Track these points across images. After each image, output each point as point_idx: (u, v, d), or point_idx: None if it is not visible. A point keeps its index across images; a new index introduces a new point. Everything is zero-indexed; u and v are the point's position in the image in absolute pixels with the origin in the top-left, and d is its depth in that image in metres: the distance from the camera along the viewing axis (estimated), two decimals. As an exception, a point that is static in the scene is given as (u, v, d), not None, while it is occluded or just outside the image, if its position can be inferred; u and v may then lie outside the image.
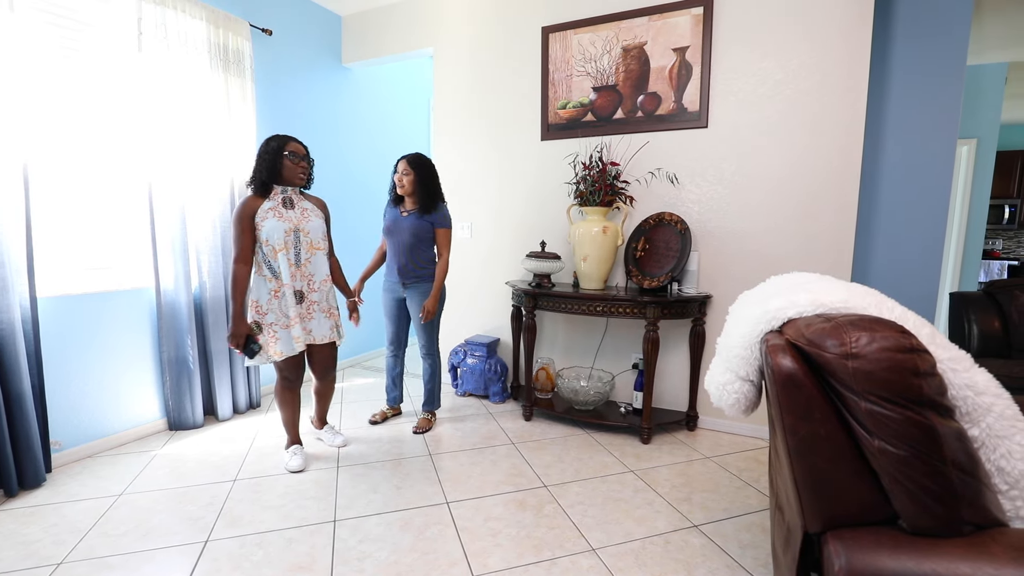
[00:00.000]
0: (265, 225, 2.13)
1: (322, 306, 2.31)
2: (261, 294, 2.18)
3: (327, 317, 2.33)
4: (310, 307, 2.28)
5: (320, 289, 2.30)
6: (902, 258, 2.91)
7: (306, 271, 2.25)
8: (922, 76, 2.80)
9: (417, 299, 2.68)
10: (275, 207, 2.16)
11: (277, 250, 2.15)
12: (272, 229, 2.13)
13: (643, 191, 2.91)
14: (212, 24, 2.75)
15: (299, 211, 2.22)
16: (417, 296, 2.68)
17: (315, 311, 2.29)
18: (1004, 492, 0.97)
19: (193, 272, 2.78)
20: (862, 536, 0.96)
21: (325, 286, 2.32)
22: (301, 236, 2.21)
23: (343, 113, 3.89)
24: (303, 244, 2.22)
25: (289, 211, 2.19)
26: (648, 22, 2.82)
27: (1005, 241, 6.79)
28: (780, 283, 1.33)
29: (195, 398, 2.75)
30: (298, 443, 2.40)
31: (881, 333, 0.91)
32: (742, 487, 2.22)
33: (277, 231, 2.14)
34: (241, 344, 2.11)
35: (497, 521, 1.93)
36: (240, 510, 1.98)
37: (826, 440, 0.99)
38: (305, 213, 2.24)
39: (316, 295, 2.29)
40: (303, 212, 2.23)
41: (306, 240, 2.22)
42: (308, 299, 2.27)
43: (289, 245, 2.18)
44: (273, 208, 2.16)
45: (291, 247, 2.18)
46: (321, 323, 2.31)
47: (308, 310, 2.27)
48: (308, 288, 2.26)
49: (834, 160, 2.51)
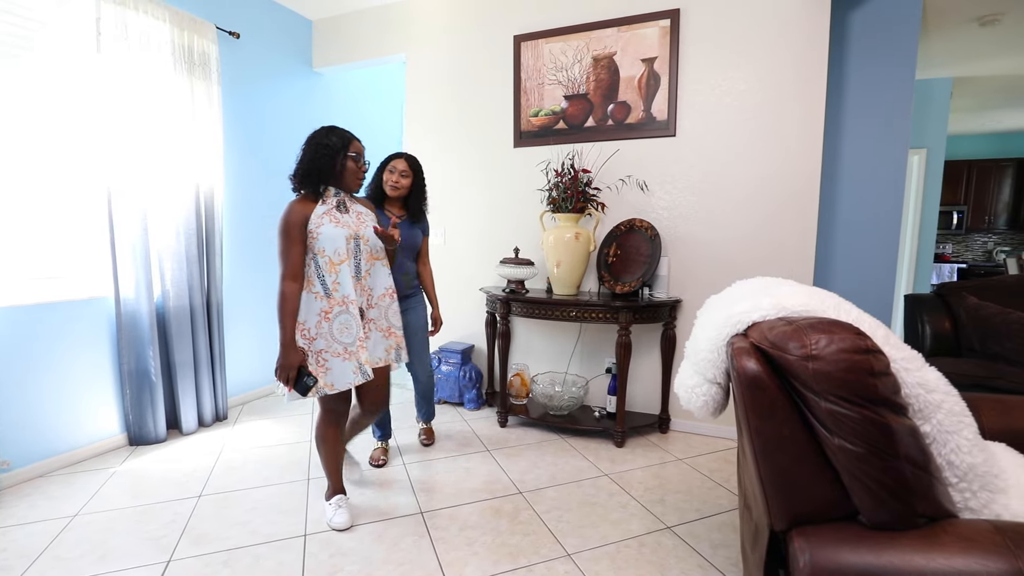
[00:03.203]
0: (322, 233, 1.78)
1: (379, 324, 1.98)
2: (309, 316, 1.79)
3: (384, 337, 1.99)
4: (367, 326, 1.95)
5: (378, 305, 1.98)
6: (861, 262, 3.04)
7: (366, 285, 1.94)
8: (875, 89, 2.94)
9: (411, 317, 2.40)
10: (329, 211, 1.82)
11: (336, 262, 1.80)
12: (331, 237, 1.79)
13: (614, 198, 2.96)
14: (176, 26, 2.68)
15: (354, 216, 1.90)
16: (411, 315, 2.40)
17: (371, 330, 1.97)
18: (954, 485, 1.01)
19: (156, 280, 2.69)
20: (825, 532, 1.00)
21: (384, 301, 1.99)
22: (361, 244, 1.88)
23: (315, 118, 3.83)
24: (363, 253, 1.90)
25: (344, 216, 1.86)
26: (617, 33, 2.88)
27: (954, 245, 7.16)
28: (745, 287, 1.37)
29: (157, 411, 2.65)
30: (342, 492, 2.00)
31: (839, 335, 0.95)
32: (713, 487, 2.26)
33: (337, 239, 1.79)
34: (292, 377, 1.74)
35: (473, 530, 1.92)
36: (205, 527, 1.91)
37: (789, 440, 1.03)
38: (360, 218, 1.92)
39: (374, 312, 1.97)
40: (358, 217, 1.91)
41: (365, 249, 1.91)
42: (366, 316, 1.95)
43: (350, 255, 1.85)
44: (328, 213, 1.82)
45: (351, 257, 1.86)
46: (377, 344, 1.98)
47: (365, 330, 1.95)
48: (366, 304, 1.95)
49: (795, 169, 2.61)
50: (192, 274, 2.78)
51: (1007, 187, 6.54)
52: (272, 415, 3.12)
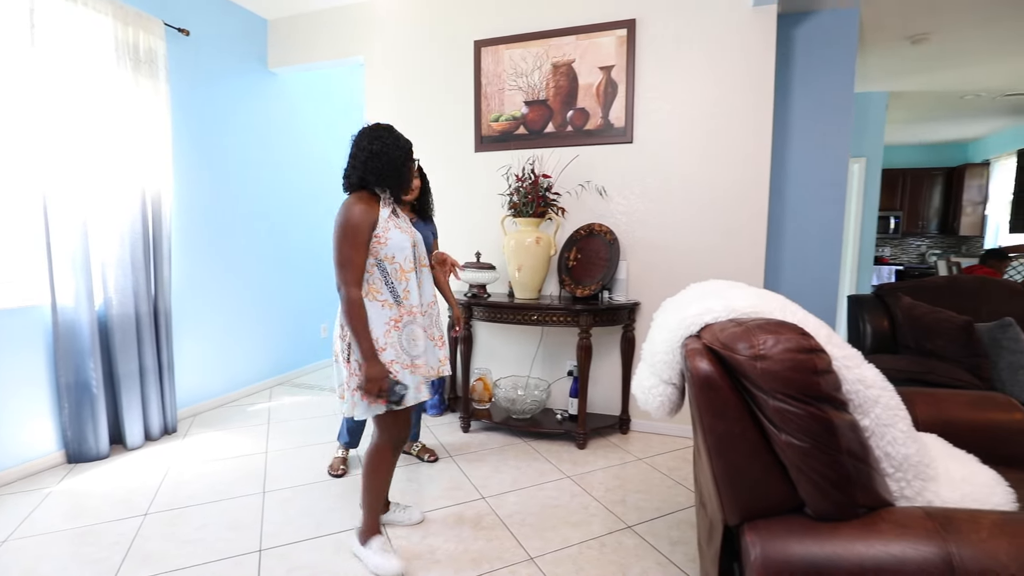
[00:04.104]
0: (391, 238, 1.66)
1: (432, 333, 1.84)
2: (376, 325, 1.64)
3: (436, 347, 1.85)
4: None
5: (428, 313, 1.84)
6: (807, 264, 3.19)
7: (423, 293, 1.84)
8: (818, 101, 3.10)
9: None
10: (391, 216, 1.70)
11: (407, 269, 1.70)
12: (400, 243, 1.67)
13: (574, 203, 3.00)
14: (120, 20, 2.55)
15: (405, 221, 1.81)
16: None
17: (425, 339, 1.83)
18: (891, 475, 1.08)
19: (97, 288, 2.54)
20: (774, 526, 1.04)
21: (433, 310, 1.87)
22: (417, 251, 1.79)
23: (271, 119, 3.73)
24: (419, 260, 1.79)
25: (401, 221, 1.76)
26: (576, 41, 2.93)
27: (892, 248, 7.63)
28: (698, 290, 1.42)
29: (99, 426, 2.50)
30: (380, 533, 1.78)
31: (784, 336, 0.99)
32: (672, 486, 2.32)
33: (405, 246, 1.69)
34: (385, 388, 1.59)
35: (435, 537, 1.90)
36: (152, 547, 1.82)
37: (741, 437, 1.06)
38: (410, 223, 1.84)
39: (425, 320, 1.81)
40: (408, 222, 1.83)
41: (420, 255, 1.81)
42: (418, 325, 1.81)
43: (414, 262, 1.75)
44: (391, 218, 1.70)
45: (415, 264, 1.76)
46: (431, 355, 1.81)
47: None
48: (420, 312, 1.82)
49: (746, 176, 2.72)
50: (138, 280, 2.65)
51: (937, 194, 7.02)
52: (225, 426, 2.99)
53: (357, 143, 1.70)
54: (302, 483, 2.30)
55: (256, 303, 3.66)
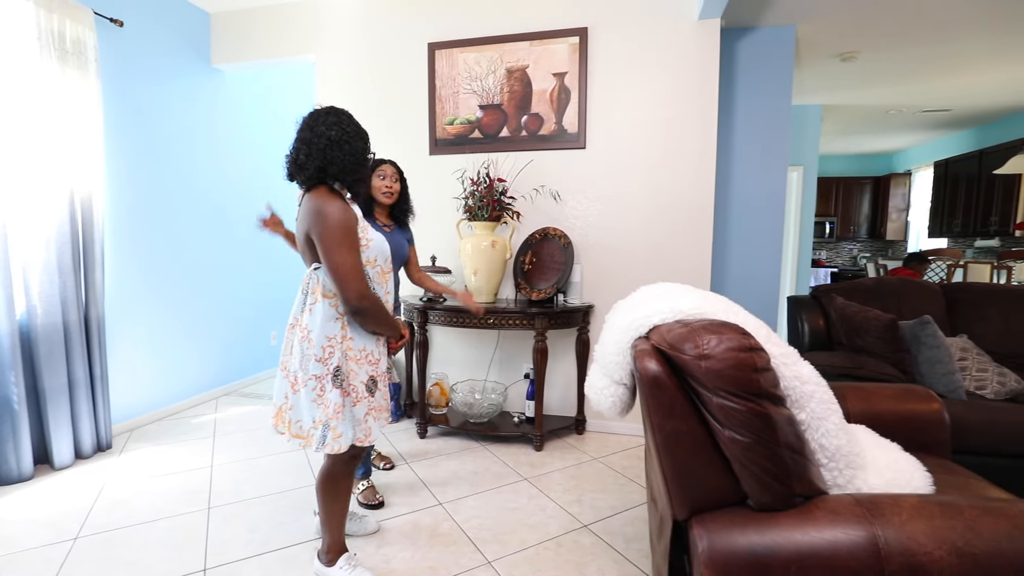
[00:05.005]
0: (374, 240, 1.55)
1: None
2: (368, 338, 1.56)
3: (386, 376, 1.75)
4: None
5: None
6: (751, 267, 3.35)
7: None
8: (759, 113, 3.27)
9: None
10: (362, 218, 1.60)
11: (387, 271, 1.61)
12: (380, 245, 1.58)
13: (529, 207, 3.03)
14: (43, 7, 2.38)
15: None
16: None
17: None
18: (825, 465, 1.15)
19: (19, 295, 2.35)
20: (720, 518, 1.09)
21: None
22: None
23: (215, 118, 3.57)
24: None
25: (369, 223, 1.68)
26: (530, 47, 2.96)
27: (827, 252, 8.12)
28: (648, 292, 1.46)
29: (21, 445, 2.31)
30: (346, 550, 1.68)
31: (727, 335, 1.04)
32: (626, 483, 2.38)
33: (384, 247, 1.60)
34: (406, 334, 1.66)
35: (391, 546, 1.87)
36: (84, 572, 1.70)
37: (688, 435, 1.11)
38: None
39: None
40: None
41: None
42: None
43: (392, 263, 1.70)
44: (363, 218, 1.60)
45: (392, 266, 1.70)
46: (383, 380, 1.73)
47: None
48: None
49: (693, 182, 2.83)
50: (66, 287, 2.47)
51: (867, 202, 7.54)
52: (167, 440, 2.84)
53: (311, 127, 1.50)
54: (250, 497, 2.21)
55: (200, 309, 3.49)
